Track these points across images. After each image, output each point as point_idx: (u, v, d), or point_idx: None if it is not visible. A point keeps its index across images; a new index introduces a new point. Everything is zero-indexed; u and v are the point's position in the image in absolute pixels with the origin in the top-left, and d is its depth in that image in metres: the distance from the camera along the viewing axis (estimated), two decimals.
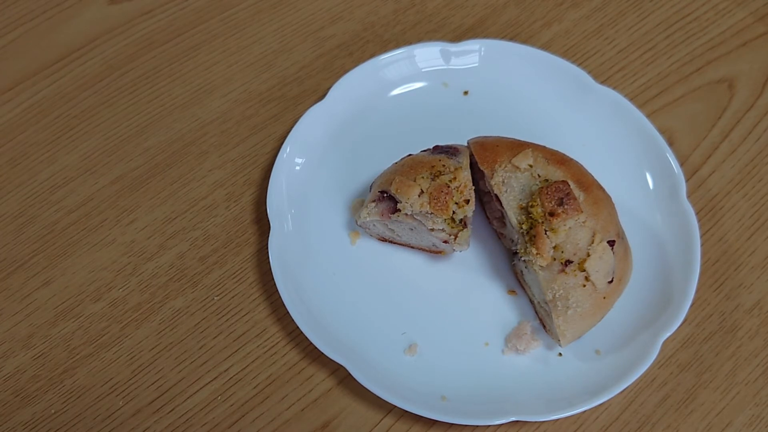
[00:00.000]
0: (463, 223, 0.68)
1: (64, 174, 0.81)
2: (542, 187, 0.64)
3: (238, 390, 0.68)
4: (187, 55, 0.89)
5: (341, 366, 0.68)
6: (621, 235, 0.67)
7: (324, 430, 0.67)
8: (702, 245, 0.72)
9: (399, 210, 0.68)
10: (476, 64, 0.84)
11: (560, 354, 0.69)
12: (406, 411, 0.65)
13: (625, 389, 0.64)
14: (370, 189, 0.73)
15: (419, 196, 0.67)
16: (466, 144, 0.72)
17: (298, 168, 0.77)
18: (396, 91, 0.83)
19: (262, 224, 0.77)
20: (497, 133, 0.73)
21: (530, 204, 0.65)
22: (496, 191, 0.67)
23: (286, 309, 0.69)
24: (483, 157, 0.69)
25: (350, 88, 0.81)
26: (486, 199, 0.74)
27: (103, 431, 0.67)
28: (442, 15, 0.92)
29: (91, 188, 0.80)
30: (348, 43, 0.90)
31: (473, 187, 0.68)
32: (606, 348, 0.68)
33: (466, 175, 0.68)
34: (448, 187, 0.67)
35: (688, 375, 0.69)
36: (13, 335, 0.71)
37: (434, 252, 0.73)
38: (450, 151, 0.71)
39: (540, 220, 0.64)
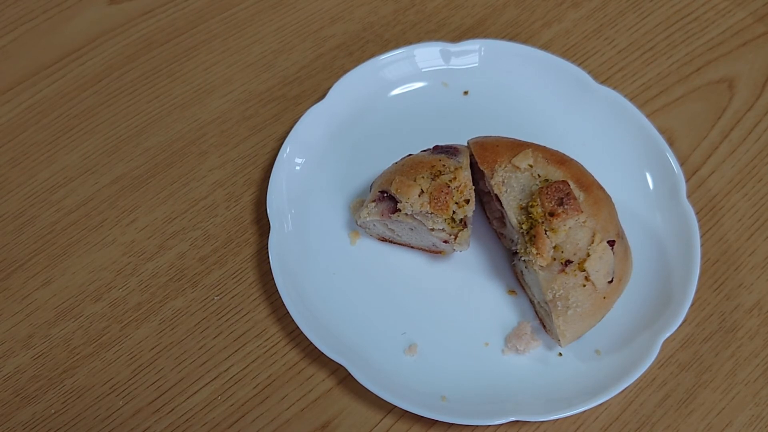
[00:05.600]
0: (463, 223, 0.68)
1: (64, 174, 0.81)
2: (542, 187, 0.64)
3: (238, 390, 0.68)
4: (187, 55, 0.89)
5: (341, 366, 0.68)
6: (621, 235, 0.67)
7: (324, 430, 0.67)
8: (702, 245, 0.72)
9: (399, 210, 0.68)
10: (476, 64, 0.84)
11: (560, 354, 0.69)
12: (406, 411, 0.65)
13: (625, 389, 0.64)
14: (370, 189, 0.73)
15: (419, 196, 0.67)
16: (466, 144, 0.72)
17: (298, 168, 0.77)
18: (396, 91, 0.83)
19: (262, 224, 0.77)
20: (497, 133, 0.73)
21: (530, 204, 0.65)
22: (496, 191, 0.67)
23: (286, 309, 0.69)
24: (483, 157, 0.69)
25: (350, 88, 0.81)
26: (486, 199, 0.74)
27: (103, 431, 0.67)
28: (442, 15, 0.92)
29: (91, 188, 0.80)
30: (348, 43, 0.90)
31: (473, 187, 0.68)
32: (606, 348, 0.68)
33: (466, 175, 0.68)
34: (448, 187, 0.67)
35: (688, 375, 0.69)
36: (13, 335, 0.71)
37: (434, 252, 0.73)
38: (450, 151, 0.71)
39: (540, 220, 0.64)
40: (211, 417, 0.67)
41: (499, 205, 0.68)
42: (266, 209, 0.73)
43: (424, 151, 0.73)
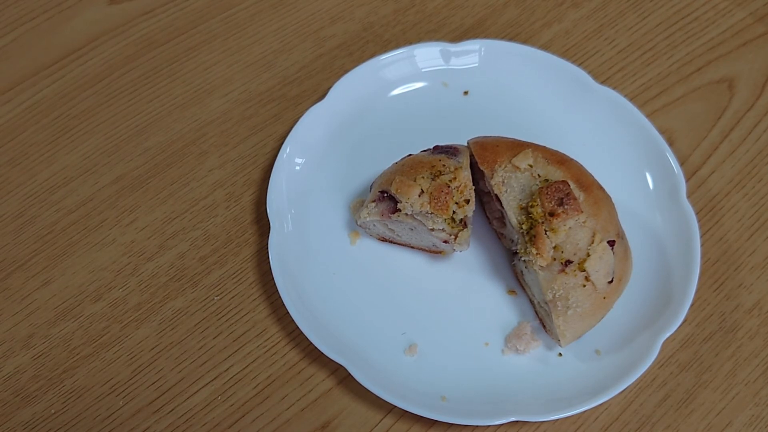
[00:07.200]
0: (463, 223, 0.68)
1: (64, 174, 0.81)
2: (542, 187, 0.64)
3: (238, 390, 0.69)
4: (187, 55, 0.89)
5: (341, 366, 0.68)
6: (621, 235, 0.67)
7: (324, 430, 0.67)
8: (702, 245, 0.72)
9: (399, 210, 0.68)
10: (476, 64, 0.84)
11: (560, 354, 0.69)
12: (406, 411, 0.65)
13: (625, 389, 0.64)
14: (370, 189, 0.73)
15: (419, 196, 0.67)
16: (466, 144, 0.72)
17: (298, 168, 0.77)
18: (396, 91, 0.83)
19: (262, 224, 0.77)
20: (497, 133, 0.73)
21: (530, 204, 0.65)
22: (496, 191, 0.67)
23: (286, 309, 0.69)
24: (483, 157, 0.69)
25: (350, 88, 0.81)
26: (486, 199, 0.74)
27: (103, 431, 0.67)
28: (442, 15, 0.92)
29: (91, 188, 0.80)
30: (348, 43, 0.90)
31: (473, 187, 0.68)
32: (606, 348, 0.68)
33: (466, 175, 0.68)
34: (448, 187, 0.67)
35: (688, 375, 0.69)
36: (13, 335, 0.71)
37: (434, 252, 0.73)
38: (450, 151, 0.71)
39: (540, 220, 0.64)
40: (211, 417, 0.67)
41: (499, 205, 0.68)
42: (266, 209, 0.73)
43: (424, 151, 0.73)
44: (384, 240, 0.74)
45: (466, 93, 0.84)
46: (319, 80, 0.87)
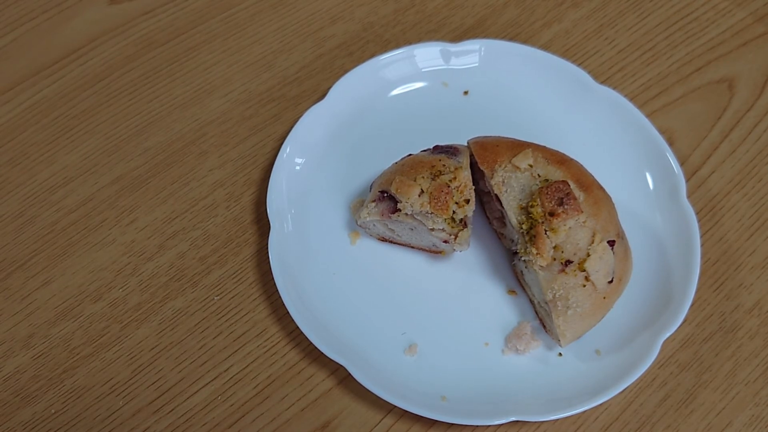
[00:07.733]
0: (463, 223, 0.68)
1: (64, 174, 0.81)
2: (542, 187, 0.64)
3: (238, 390, 0.69)
4: (187, 55, 0.89)
5: (341, 366, 0.68)
6: (621, 235, 0.67)
7: (324, 430, 0.67)
8: (702, 245, 0.72)
9: (399, 210, 0.68)
10: (476, 64, 0.84)
11: (560, 354, 0.69)
12: (406, 411, 0.65)
13: (625, 389, 0.64)
14: (370, 189, 0.73)
15: (419, 195, 0.67)
16: (466, 144, 0.72)
17: (298, 168, 0.77)
18: (396, 91, 0.83)
19: (262, 224, 0.77)
20: (497, 133, 0.73)
21: (530, 204, 0.65)
22: (496, 191, 0.67)
23: (286, 309, 0.69)
24: (483, 157, 0.69)
25: (350, 88, 0.81)
26: (486, 199, 0.74)
27: (103, 431, 0.67)
28: (442, 15, 0.92)
29: (91, 188, 0.80)
30: (348, 43, 0.90)
31: (473, 187, 0.68)
32: (606, 348, 0.68)
33: (466, 175, 0.68)
34: (448, 186, 0.67)
35: (688, 375, 0.69)
36: (13, 335, 0.71)
37: (434, 252, 0.73)
38: (450, 151, 0.71)
39: (540, 220, 0.64)
40: (211, 417, 0.67)
41: (499, 205, 0.68)
42: (266, 209, 0.73)
43: (424, 151, 0.73)
44: (384, 240, 0.74)
45: (466, 93, 0.84)
46: (319, 80, 0.87)
